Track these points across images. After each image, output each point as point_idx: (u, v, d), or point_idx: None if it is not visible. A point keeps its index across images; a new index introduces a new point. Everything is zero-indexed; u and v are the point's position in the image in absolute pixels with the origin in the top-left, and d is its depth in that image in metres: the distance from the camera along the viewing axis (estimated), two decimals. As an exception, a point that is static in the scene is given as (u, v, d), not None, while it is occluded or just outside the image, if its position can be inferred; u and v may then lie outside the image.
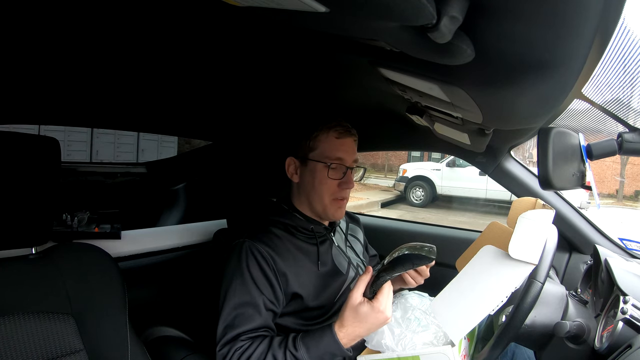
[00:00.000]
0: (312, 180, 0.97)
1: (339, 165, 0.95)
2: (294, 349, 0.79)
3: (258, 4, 0.39)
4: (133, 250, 1.32)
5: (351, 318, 0.79)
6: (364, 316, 0.78)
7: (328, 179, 0.95)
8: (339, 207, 0.99)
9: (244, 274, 0.88)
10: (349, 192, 1.00)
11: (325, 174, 0.95)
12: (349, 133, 0.98)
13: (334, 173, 0.95)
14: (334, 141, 0.96)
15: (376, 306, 0.77)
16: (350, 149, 0.97)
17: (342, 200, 0.98)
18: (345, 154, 0.96)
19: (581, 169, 0.75)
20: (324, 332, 0.80)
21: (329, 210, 0.98)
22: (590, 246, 1.14)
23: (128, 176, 2.19)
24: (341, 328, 0.79)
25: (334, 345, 0.79)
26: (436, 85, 0.56)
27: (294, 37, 0.65)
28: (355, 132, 1.00)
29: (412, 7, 0.31)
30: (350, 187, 0.97)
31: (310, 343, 0.80)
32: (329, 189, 0.96)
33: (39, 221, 0.77)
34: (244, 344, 0.82)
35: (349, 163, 0.97)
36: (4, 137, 0.72)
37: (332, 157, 0.95)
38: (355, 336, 0.80)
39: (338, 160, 0.95)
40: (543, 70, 0.41)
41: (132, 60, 0.85)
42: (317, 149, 0.96)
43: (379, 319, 0.78)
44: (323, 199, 0.96)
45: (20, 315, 0.70)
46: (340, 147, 0.96)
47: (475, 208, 8.22)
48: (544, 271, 0.71)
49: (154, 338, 1.07)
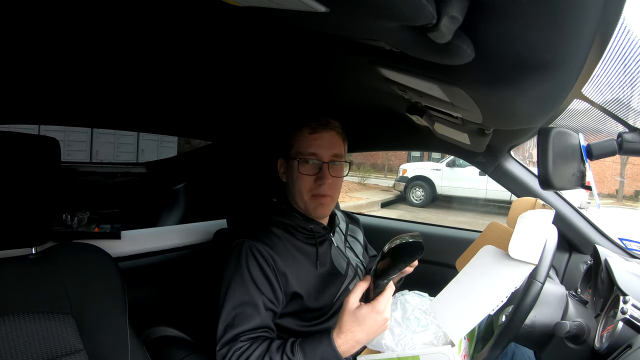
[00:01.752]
0: (291, 178, 0.97)
1: (313, 161, 0.95)
2: (291, 353, 0.78)
3: (258, 4, 0.39)
4: (133, 250, 1.32)
5: (349, 322, 0.77)
6: (363, 318, 0.76)
7: (302, 175, 0.95)
8: (320, 204, 0.96)
9: (243, 273, 0.88)
10: (330, 189, 0.96)
11: (299, 170, 0.95)
12: (325, 127, 0.96)
13: (307, 168, 0.95)
14: (306, 137, 0.95)
15: (375, 307, 0.76)
16: (326, 144, 0.95)
17: (322, 197, 0.96)
18: (319, 149, 0.94)
19: (581, 169, 0.75)
20: (322, 338, 0.79)
21: (309, 207, 0.97)
22: (590, 246, 1.14)
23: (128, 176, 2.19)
24: (340, 334, 0.78)
25: (331, 352, 0.77)
26: (436, 85, 0.56)
27: (294, 37, 0.65)
28: (335, 125, 0.97)
29: (412, 7, 0.31)
30: (325, 183, 0.94)
31: (308, 349, 0.78)
32: (305, 185, 0.95)
33: (39, 221, 0.77)
34: (243, 345, 0.81)
35: (326, 158, 0.95)
36: (4, 137, 0.72)
37: (304, 152, 0.95)
38: (355, 342, 0.78)
39: (311, 156, 0.94)
40: (543, 70, 0.41)
41: (132, 60, 0.85)
42: (294, 146, 0.97)
43: (377, 320, 0.77)
44: (302, 195, 0.96)
45: (20, 315, 0.70)
46: (313, 142, 0.95)
47: (475, 208, 8.22)
48: (544, 271, 0.71)
49: (154, 338, 1.07)
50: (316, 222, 1.00)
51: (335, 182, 0.97)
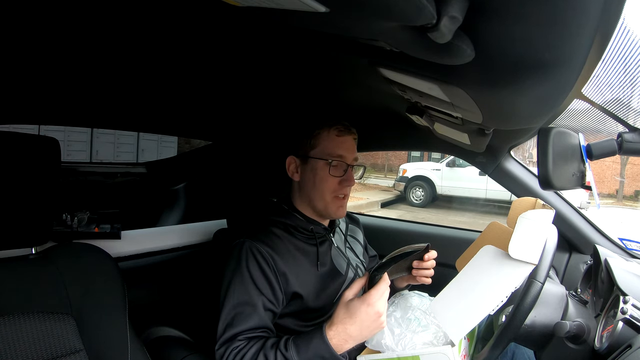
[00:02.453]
0: (313, 177, 0.97)
1: (340, 163, 0.96)
2: (285, 349, 0.79)
3: (258, 4, 0.39)
4: (133, 250, 1.32)
5: (341, 314, 0.78)
6: (354, 310, 0.77)
7: (329, 176, 0.96)
8: (340, 206, 0.99)
9: (243, 273, 0.88)
10: (349, 190, 1.00)
11: (327, 171, 0.95)
12: (349, 131, 0.99)
13: (335, 170, 0.96)
14: (335, 139, 0.97)
15: (366, 299, 0.76)
16: (350, 147, 0.99)
17: (343, 198, 0.99)
18: (346, 152, 0.97)
19: (581, 169, 0.75)
20: (314, 333, 0.79)
21: (330, 209, 0.98)
22: (590, 246, 1.14)
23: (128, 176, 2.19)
24: (331, 326, 0.78)
25: (323, 346, 0.77)
26: (436, 85, 0.56)
27: (294, 37, 0.65)
28: (355, 131, 1.01)
29: (412, 7, 0.31)
30: (351, 185, 0.98)
31: (301, 344, 0.79)
32: (330, 187, 0.96)
33: (39, 221, 0.77)
34: (240, 344, 0.82)
35: (350, 161, 0.98)
36: (4, 137, 0.72)
37: (333, 154, 0.96)
38: (347, 336, 0.77)
39: (339, 158, 0.96)
40: (543, 70, 0.41)
41: (132, 60, 0.85)
42: (318, 146, 0.97)
43: (369, 314, 0.76)
44: (324, 196, 0.97)
45: (20, 315, 0.70)
46: (341, 145, 0.97)
47: (475, 208, 8.22)
48: (544, 271, 0.71)
49: (154, 338, 1.07)
50: (317, 223, 1.00)
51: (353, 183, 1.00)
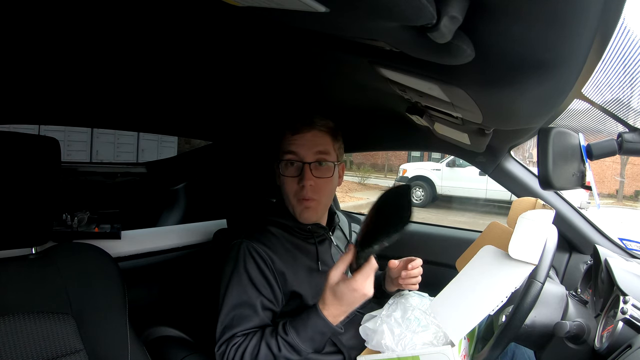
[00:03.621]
0: (279, 181, 0.95)
1: (296, 162, 0.90)
2: (284, 333, 0.80)
3: (258, 4, 0.39)
4: (133, 250, 1.32)
5: (330, 297, 0.79)
6: (341, 295, 0.77)
7: (285, 178, 0.92)
8: (305, 208, 0.91)
9: (241, 274, 0.88)
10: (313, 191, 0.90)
11: (281, 172, 0.92)
12: (307, 126, 0.91)
13: (288, 170, 0.91)
14: (288, 137, 0.92)
15: (352, 285, 0.76)
16: (307, 143, 0.90)
17: (306, 200, 0.90)
18: (299, 148, 0.90)
19: (581, 169, 0.75)
20: (309, 313, 0.80)
21: (296, 211, 0.93)
22: (590, 246, 1.14)
23: (128, 176, 2.19)
24: (324, 307, 0.79)
25: (322, 323, 0.79)
26: (436, 85, 0.56)
27: (293, 37, 0.65)
28: (321, 124, 0.92)
29: (412, 7, 0.31)
30: (306, 185, 0.89)
31: (299, 326, 0.80)
32: (290, 188, 0.92)
33: (39, 221, 0.77)
34: (239, 340, 0.83)
35: (308, 158, 0.89)
36: (4, 137, 0.72)
37: (285, 152, 0.92)
38: (339, 312, 0.79)
39: (291, 155, 0.90)
40: (543, 70, 0.41)
41: (132, 60, 0.85)
42: (280, 148, 0.94)
43: (356, 297, 0.77)
44: (289, 198, 0.93)
45: (20, 315, 0.70)
46: (294, 142, 0.90)
47: (475, 208, 8.22)
48: (544, 271, 0.71)
49: (154, 338, 1.07)
50: (313, 222, 1.00)
51: (320, 183, 0.91)
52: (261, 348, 0.80)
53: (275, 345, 0.79)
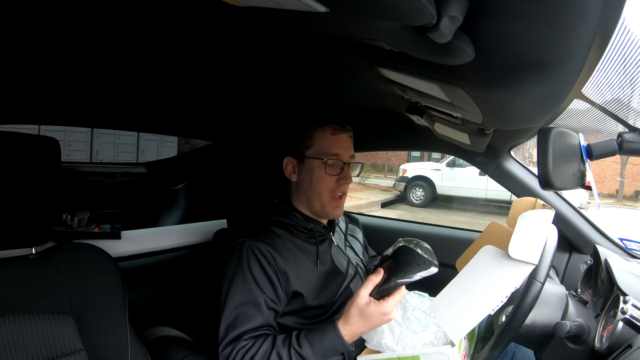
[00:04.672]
0: (309, 177, 0.97)
1: (336, 161, 0.96)
2: (298, 346, 0.80)
3: (258, 4, 0.39)
4: (133, 250, 1.32)
5: (356, 317, 0.80)
6: (369, 316, 0.79)
7: (326, 175, 0.96)
8: (337, 206, 0.99)
9: (245, 273, 0.88)
10: (347, 188, 1.00)
11: (323, 170, 0.95)
12: (343, 129, 0.99)
13: (332, 169, 0.96)
14: (329, 137, 0.97)
15: (384, 309, 0.78)
16: (346, 145, 0.99)
17: (340, 197, 0.98)
18: (341, 150, 0.97)
19: (581, 169, 0.75)
20: (327, 329, 0.81)
21: (327, 208, 0.98)
22: (590, 246, 1.14)
23: (128, 176, 2.19)
24: (345, 326, 0.80)
25: (338, 342, 0.80)
26: (436, 85, 0.56)
27: (293, 37, 0.65)
28: (350, 129, 1.01)
29: (412, 7, 0.31)
30: (348, 182, 0.98)
31: (314, 340, 0.80)
32: (327, 186, 0.96)
33: (39, 221, 0.77)
34: (246, 343, 0.82)
35: (346, 158, 0.98)
36: (4, 137, 0.72)
37: (328, 153, 0.96)
38: (357, 334, 0.81)
39: (335, 156, 0.96)
40: (543, 70, 0.41)
41: (132, 60, 0.85)
42: (314, 146, 0.97)
43: (382, 320, 0.80)
44: (322, 195, 0.97)
45: (20, 315, 0.70)
46: (336, 143, 0.97)
47: (475, 208, 8.22)
48: (544, 271, 0.71)
49: (154, 338, 1.07)
50: (316, 222, 1.01)
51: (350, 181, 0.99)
52: (271, 356, 0.80)
53: (287, 356, 0.79)
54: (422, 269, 0.77)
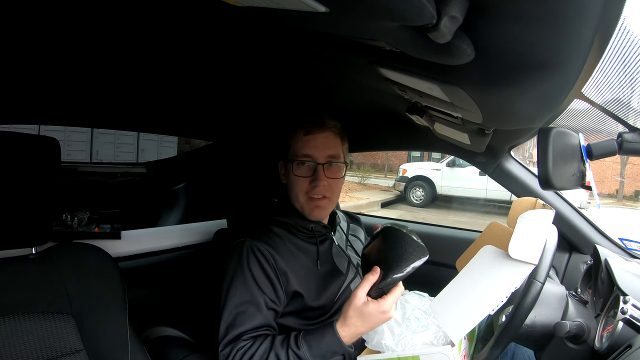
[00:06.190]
0: (288, 180, 0.97)
1: (308, 162, 0.94)
2: (296, 347, 0.80)
3: (258, 4, 0.39)
4: (133, 250, 1.32)
5: (355, 317, 0.79)
6: (368, 316, 0.78)
7: (297, 177, 0.94)
8: (316, 206, 0.95)
9: (245, 272, 0.88)
10: (326, 190, 0.94)
11: (294, 172, 0.94)
12: (320, 128, 0.95)
13: (302, 170, 0.94)
14: (301, 138, 0.95)
15: (382, 307, 0.78)
16: (321, 145, 0.94)
17: (317, 199, 0.94)
18: (313, 150, 0.94)
19: (581, 169, 0.75)
20: (325, 330, 0.81)
21: (305, 210, 0.96)
22: (590, 246, 1.14)
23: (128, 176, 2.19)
24: (344, 327, 0.80)
25: (336, 343, 0.79)
26: (436, 85, 0.56)
27: (293, 37, 0.65)
28: (332, 126, 0.96)
29: (412, 7, 0.31)
30: (320, 185, 0.93)
31: (312, 341, 0.80)
32: (301, 188, 0.94)
33: (39, 221, 0.77)
34: (246, 344, 0.82)
35: (321, 159, 0.94)
36: (4, 137, 0.72)
37: (299, 154, 0.94)
38: (357, 334, 0.81)
39: (305, 157, 0.94)
40: (543, 70, 0.41)
41: (132, 60, 0.85)
42: (291, 147, 0.97)
43: (382, 319, 0.79)
44: (298, 197, 0.96)
45: (20, 315, 0.70)
46: (307, 144, 0.94)
47: (475, 208, 8.22)
48: (544, 271, 0.71)
49: (154, 338, 1.07)
50: (317, 222, 1.00)
51: (331, 183, 0.95)
52: (270, 357, 0.79)
53: (285, 357, 0.79)
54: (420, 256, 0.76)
